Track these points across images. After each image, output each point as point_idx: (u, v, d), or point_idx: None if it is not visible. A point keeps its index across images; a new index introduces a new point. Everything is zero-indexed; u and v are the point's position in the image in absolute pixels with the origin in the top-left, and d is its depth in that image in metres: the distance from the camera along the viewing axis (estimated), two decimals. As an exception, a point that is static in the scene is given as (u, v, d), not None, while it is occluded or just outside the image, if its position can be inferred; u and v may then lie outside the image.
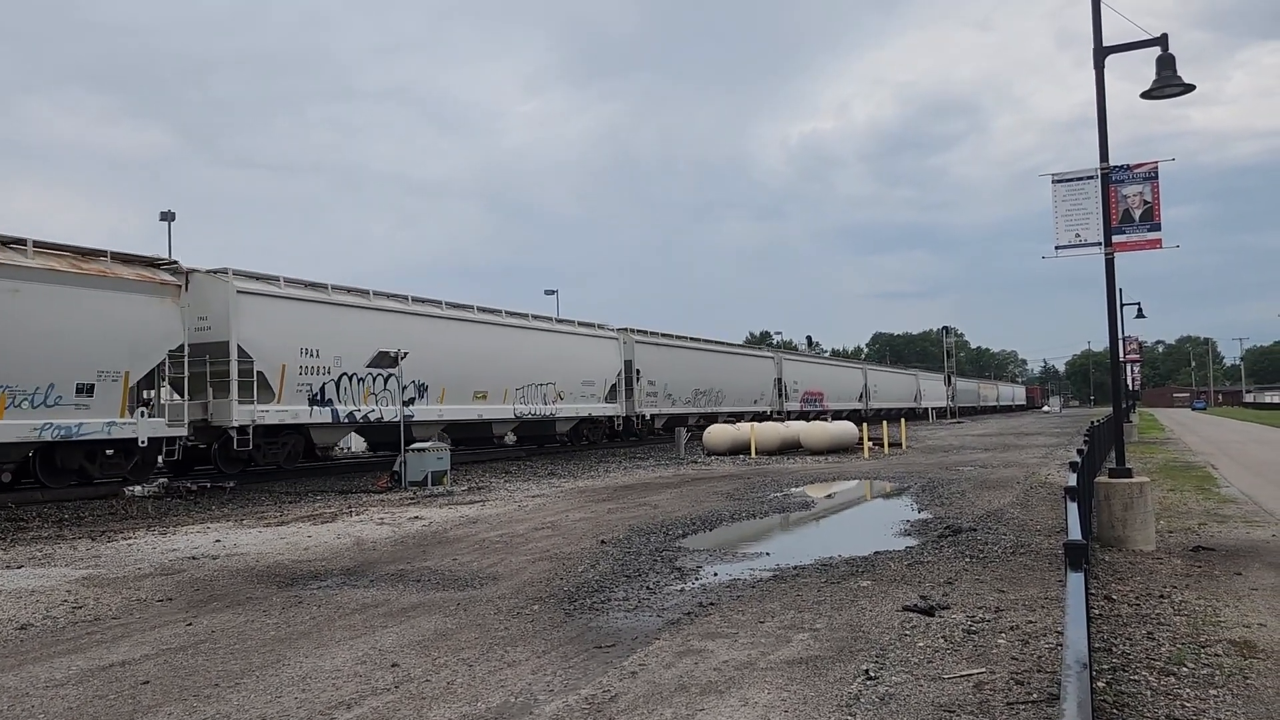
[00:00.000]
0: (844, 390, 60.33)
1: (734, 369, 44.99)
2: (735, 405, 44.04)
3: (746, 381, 46.21)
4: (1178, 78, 10.46)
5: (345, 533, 12.51)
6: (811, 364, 58.15)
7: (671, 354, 39.20)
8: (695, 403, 40.76)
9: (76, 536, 12.80)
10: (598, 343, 34.64)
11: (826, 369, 60.50)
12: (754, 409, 45.78)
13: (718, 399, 42.62)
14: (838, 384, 59.49)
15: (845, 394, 60.55)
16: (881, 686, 5.36)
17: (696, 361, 41.19)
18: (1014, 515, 12.86)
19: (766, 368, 49.59)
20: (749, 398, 46.24)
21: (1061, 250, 11.15)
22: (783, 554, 10.18)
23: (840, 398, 58.99)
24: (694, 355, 41.24)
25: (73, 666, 6.24)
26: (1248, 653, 6.02)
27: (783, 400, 49.73)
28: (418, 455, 19.39)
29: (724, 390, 43.19)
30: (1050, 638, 6.32)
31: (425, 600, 8.09)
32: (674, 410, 38.81)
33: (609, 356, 34.94)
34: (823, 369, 59.50)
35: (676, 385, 39.26)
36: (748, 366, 47.25)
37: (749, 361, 48.17)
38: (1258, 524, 11.89)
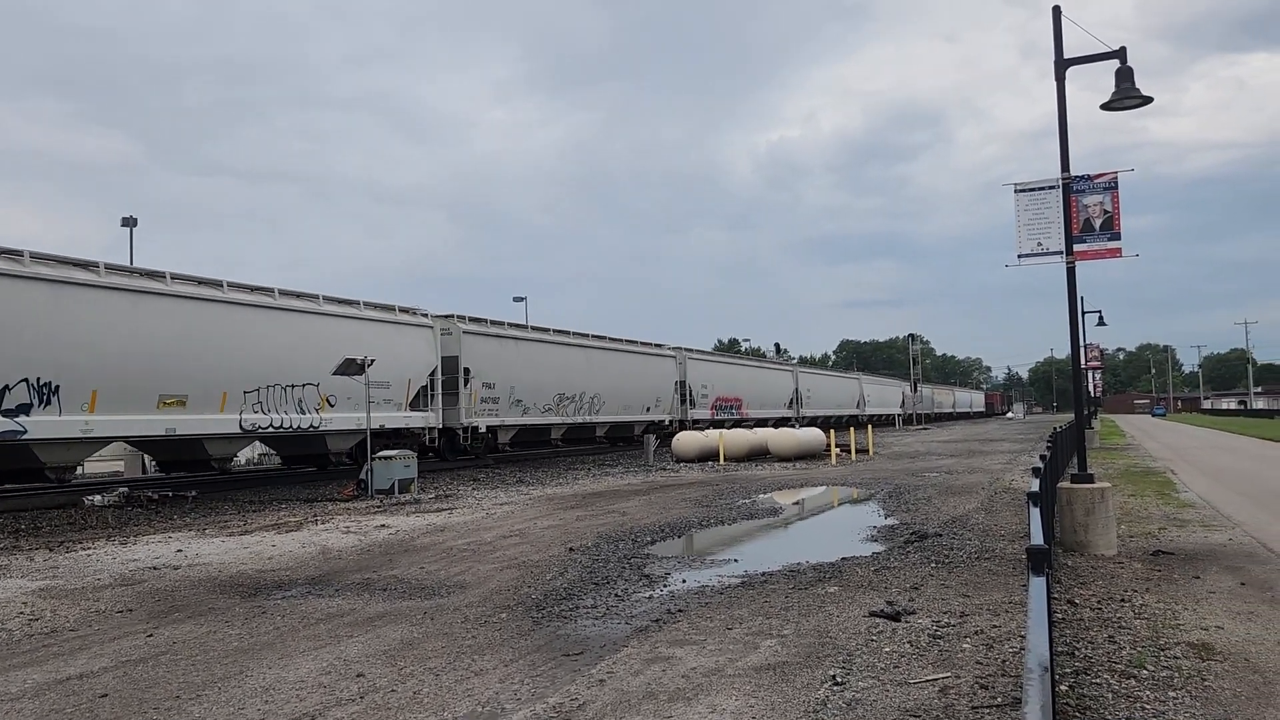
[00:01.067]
0: (769, 395, 52.89)
1: (617, 369, 36.30)
2: (620, 413, 36.57)
3: (635, 385, 37.80)
4: (1136, 90, 10.66)
5: (310, 541, 12.37)
6: (725, 364, 49.37)
7: (520, 349, 30.51)
8: (559, 410, 32.28)
9: (33, 547, 12.55)
10: (400, 332, 25.46)
11: (746, 371, 51.81)
12: (645, 418, 38.64)
13: (593, 406, 34.47)
14: (761, 388, 51.88)
15: (771, 399, 53.14)
16: (848, 692, 5.39)
17: (560, 360, 32.72)
18: (979, 521, 12.99)
19: (665, 369, 41.06)
20: (639, 404, 38.16)
21: (1024, 258, 11.32)
22: (751, 561, 10.20)
23: (764, 404, 51.54)
24: (555, 352, 32.55)
25: (29, 679, 6.12)
26: (1206, 655, 6.12)
27: (686, 407, 41.89)
28: (384, 463, 19.23)
29: (603, 395, 35.05)
30: (1014, 642, 6.39)
31: (391, 609, 8.02)
32: (525, 420, 30.52)
33: (417, 351, 25.91)
34: (741, 371, 50.97)
35: (529, 389, 30.44)
36: (637, 367, 38.35)
37: (639, 361, 38.80)
38: (1215, 528, 12.11)
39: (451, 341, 27.25)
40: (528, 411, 30.53)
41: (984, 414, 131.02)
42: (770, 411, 51.92)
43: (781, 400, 55.10)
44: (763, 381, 53.05)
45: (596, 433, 35.89)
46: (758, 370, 54.62)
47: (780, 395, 55.01)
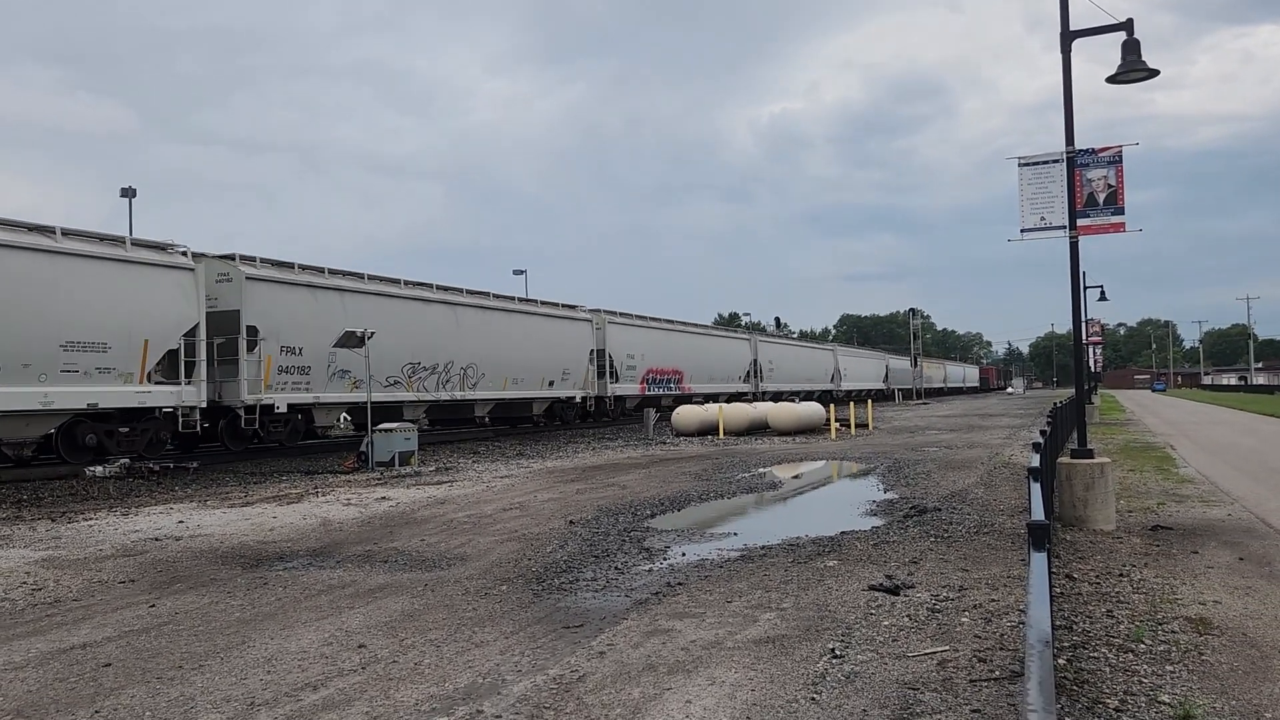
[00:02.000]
0: (720, 367, 46.90)
1: (502, 334, 29.37)
2: (508, 389, 29.71)
3: (531, 354, 30.84)
4: (1142, 63, 10.56)
5: (311, 513, 12.42)
6: (659, 330, 41.50)
7: (346, 305, 23.38)
8: (413, 385, 25.50)
9: (36, 517, 12.60)
10: (129, 274, 18.05)
11: (689, 339, 44.27)
12: (546, 393, 32.24)
13: (466, 379, 27.73)
14: (709, 359, 45.66)
15: (723, 372, 47.12)
16: (847, 665, 5.42)
17: (413, 320, 25.86)
18: (978, 495, 13.02)
19: (575, 334, 34.22)
20: (538, 376, 31.49)
21: (1027, 233, 11.26)
22: (750, 534, 10.24)
23: (714, 377, 45.68)
24: (404, 311, 25.60)
25: (33, 649, 6.15)
26: (1203, 629, 6.15)
27: (607, 380, 35.77)
28: (385, 435, 19.26)
29: (481, 365, 28.34)
30: (1012, 616, 6.41)
31: (392, 581, 8.06)
32: (355, 398, 23.12)
33: (162, 301, 18.66)
34: (682, 339, 43.45)
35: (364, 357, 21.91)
36: (534, 332, 31.25)
37: (535, 325, 31.61)
38: (1214, 503, 12.14)
39: (229, 291, 20.66)
40: (360, 385, 22.60)
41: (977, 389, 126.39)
42: (722, 386, 46.19)
43: (735, 373, 49.05)
44: (711, 351, 46.31)
45: (475, 412, 29.19)
46: (704, 338, 46.89)
47: (734, 367, 49.08)
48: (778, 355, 55.74)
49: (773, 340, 58.39)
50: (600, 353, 35.76)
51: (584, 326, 35.13)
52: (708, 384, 44.81)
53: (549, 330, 32.62)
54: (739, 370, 49.71)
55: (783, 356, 56.47)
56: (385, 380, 24.37)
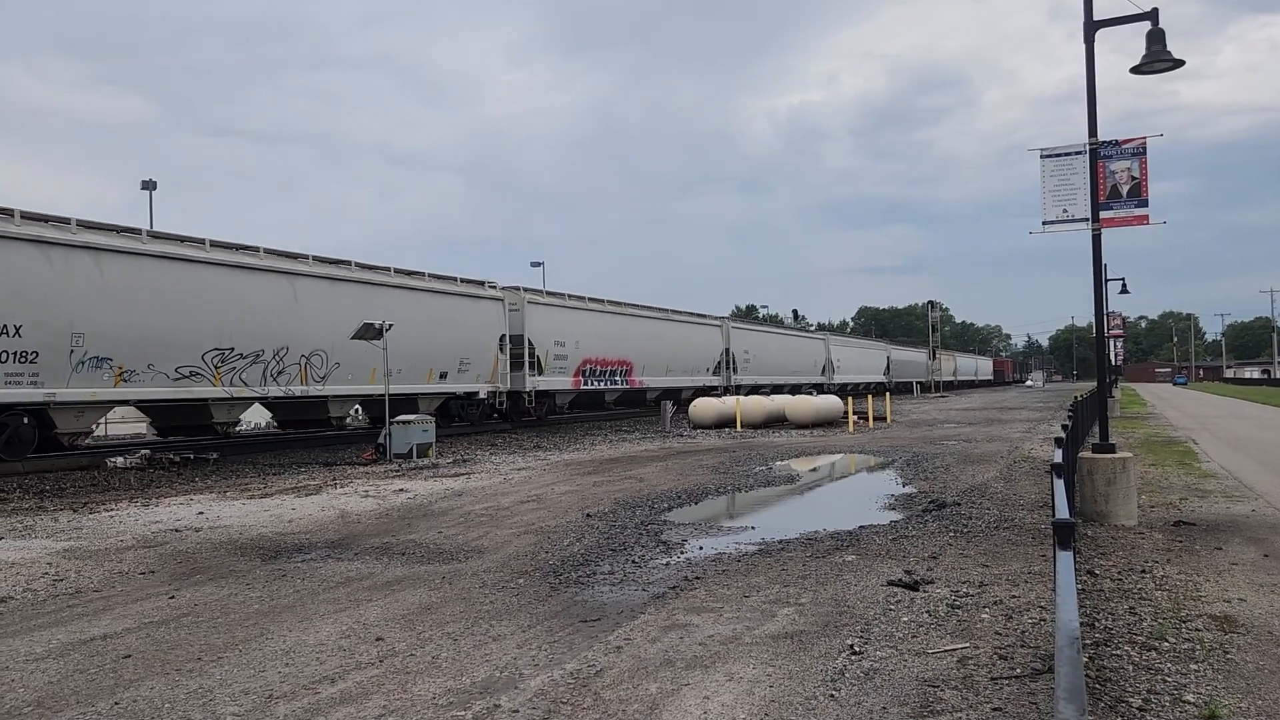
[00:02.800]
0: (682, 357, 40.49)
1: (364, 315, 21.70)
2: (376, 383, 22.52)
3: (412, 342, 24.27)
4: (1167, 53, 10.42)
5: (329, 505, 12.46)
6: (599, 315, 34.74)
7: (108, 270, 17.68)
8: (228, 375, 19.91)
9: (57, 508, 12.71)
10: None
11: (640, 325, 37.46)
12: (437, 387, 26.10)
13: (310, 369, 21.89)
14: (666, 347, 38.97)
15: (685, 363, 40.85)
16: (866, 661, 5.38)
17: (224, 293, 20.02)
18: (998, 490, 12.93)
19: (480, 317, 27.83)
20: (423, 367, 25.40)
21: (1049, 225, 11.14)
22: (768, 528, 10.20)
23: (674, 367, 39.62)
24: (210, 280, 19.75)
25: (54, 640, 6.19)
26: (1228, 627, 6.07)
27: (526, 373, 29.48)
28: (403, 428, 19.32)
29: (333, 352, 22.30)
30: (1034, 612, 6.35)
31: (410, 574, 8.07)
32: (129, 394, 18.25)
33: None
34: (632, 325, 36.74)
35: (135, 340, 17.98)
36: (418, 313, 25.00)
37: (423, 304, 25.50)
38: (1238, 499, 12.00)
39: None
40: (133, 377, 17.93)
41: (991, 383, 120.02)
42: (684, 379, 40.49)
43: (703, 364, 42.76)
44: (669, 339, 39.81)
45: (331, 412, 23.39)
46: (660, 324, 39.51)
47: (701, 357, 42.67)
48: (756, 344, 48.72)
49: (749, 327, 50.21)
50: (517, 339, 29.12)
51: (491, 307, 28.28)
52: (665, 376, 38.76)
53: (438, 310, 25.94)
54: (707, 361, 43.25)
55: (762, 346, 49.52)
56: (175, 372, 18.76)
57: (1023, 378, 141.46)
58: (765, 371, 49.11)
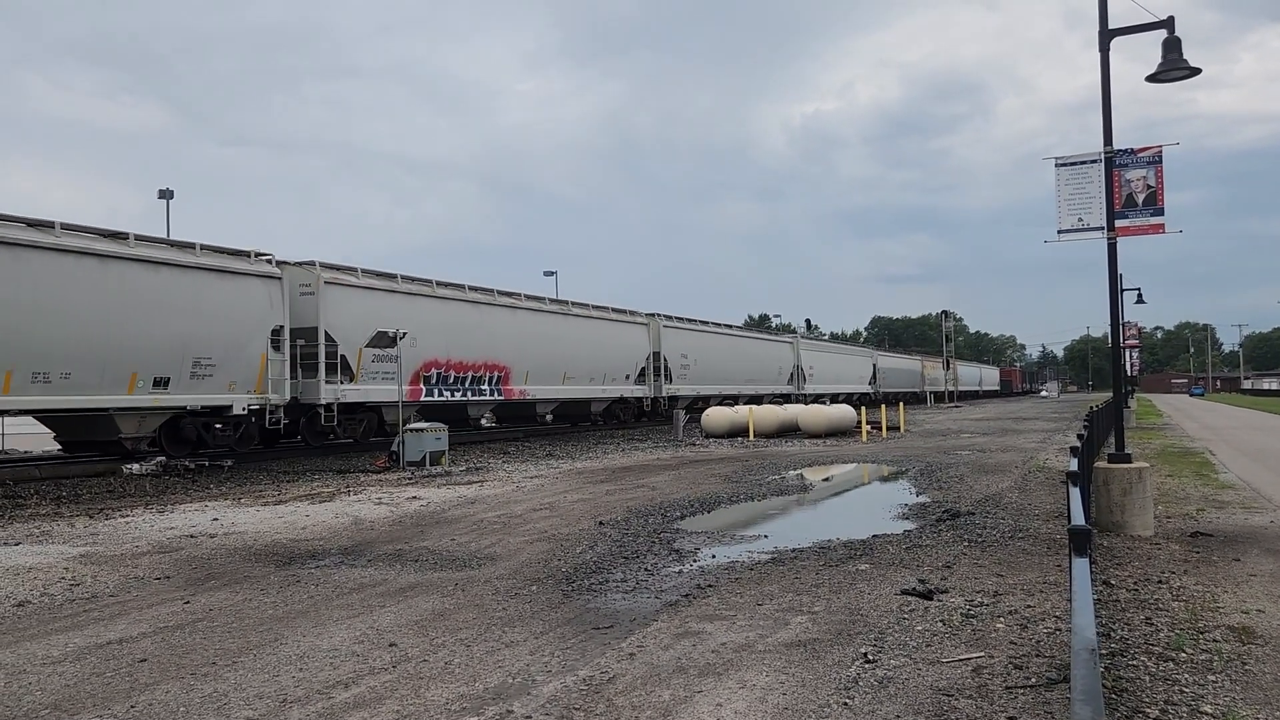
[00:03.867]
0: (585, 361, 32.50)
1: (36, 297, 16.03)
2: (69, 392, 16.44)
3: (109, 335, 17.21)
4: (1184, 61, 10.38)
5: (343, 512, 12.50)
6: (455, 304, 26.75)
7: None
8: None
9: (74, 514, 12.79)
10: None
11: (521, 320, 29.34)
12: (140, 401, 17.89)
13: None
14: (563, 350, 31.19)
15: (596, 367, 33.20)
16: (880, 670, 5.35)
17: None
18: (1012, 499, 12.86)
19: (244, 307, 20.04)
20: (121, 372, 17.46)
21: (1064, 234, 11.10)
22: (781, 537, 10.17)
23: (577, 374, 32.02)
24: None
25: (70, 644, 6.23)
26: (1246, 639, 6.01)
27: (321, 377, 21.57)
28: (416, 435, 19.37)
29: None
30: (1049, 622, 6.31)
31: (423, 580, 8.08)
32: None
33: None
34: (510, 319, 28.76)
35: None
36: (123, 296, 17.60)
37: (133, 282, 17.88)
38: (1256, 510, 11.90)
39: None
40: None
41: (997, 393, 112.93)
42: (591, 388, 32.76)
43: (621, 369, 34.84)
44: (568, 340, 31.49)
45: None
46: (552, 320, 31.06)
47: (618, 362, 34.59)
48: (698, 347, 40.61)
49: (689, 326, 40.97)
50: (307, 332, 21.44)
51: (256, 291, 20.06)
52: (562, 385, 31.13)
53: (151, 288, 18.13)
54: (627, 366, 35.25)
55: (706, 349, 41.25)
56: None
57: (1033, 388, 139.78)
58: (711, 379, 41.11)
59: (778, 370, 49.58)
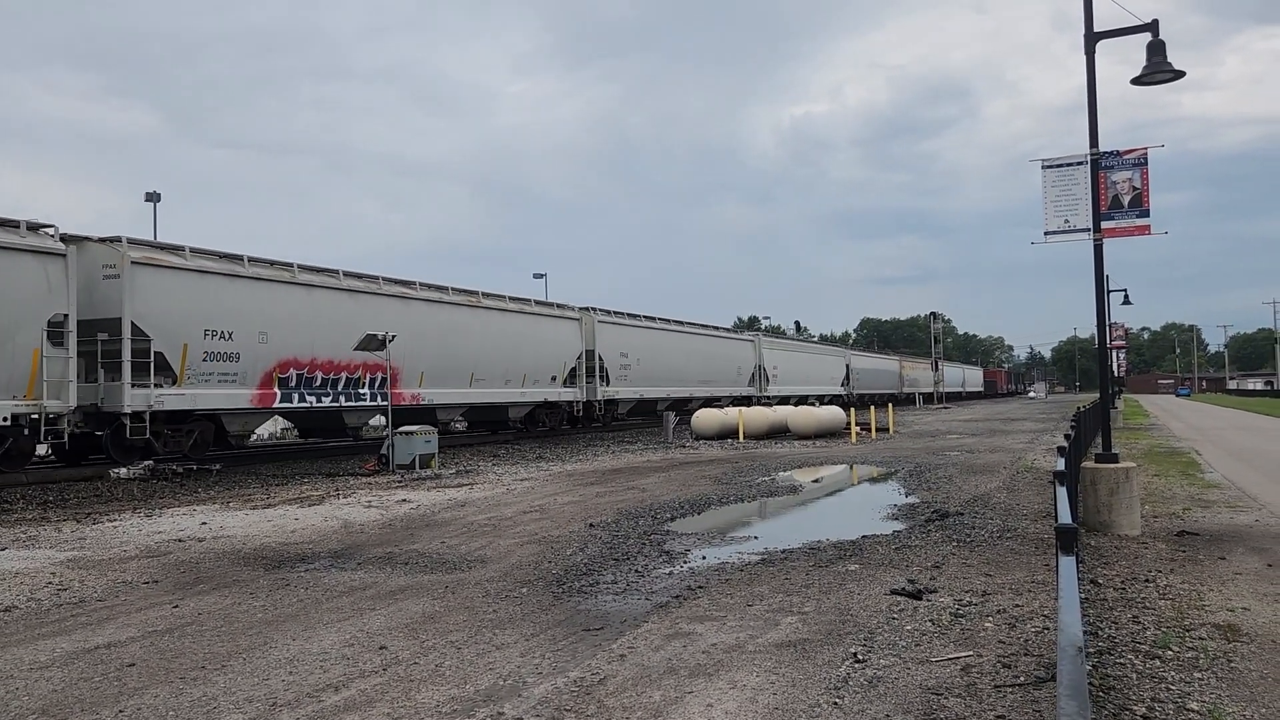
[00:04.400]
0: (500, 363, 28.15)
1: None
2: None
3: None
4: (1168, 64, 10.46)
5: (332, 515, 12.47)
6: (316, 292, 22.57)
7: None
8: None
9: (61, 519, 12.72)
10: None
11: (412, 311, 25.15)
12: None
13: None
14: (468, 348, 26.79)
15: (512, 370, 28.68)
16: (869, 669, 5.38)
17: None
18: (1000, 500, 12.92)
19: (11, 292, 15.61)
20: None
21: (1050, 236, 11.16)
22: (771, 538, 10.19)
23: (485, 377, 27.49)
24: None
25: (57, 649, 6.20)
26: (1232, 636, 6.06)
27: (126, 379, 17.47)
28: (405, 438, 19.33)
29: None
30: (1037, 621, 6.35)
31: (413, 583, 8.07)
32: None
33: None
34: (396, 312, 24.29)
35: None
36: None
37: None
38: (1241, 509, 11.99)
39: None
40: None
41: (982, 394, 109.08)
42: (512, 391, 28.51)
43: (547, 370, 30.42)
44: (475, 336, 27.05)
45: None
46: (457, 313, 26.66)
47: (544, 361, 30.23)
48: (642, 345, 36.10)
49: (631, 323, 36.18)
50: (109, 324, 17.74)
51: (28, 271, 16.02)
52: (469, 389, 26.70)
53: None
54: (554, 367, 30.77)
55: (648, 348, 36.63)
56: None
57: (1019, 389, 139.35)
58: (658, 380, 37.28)
59: (736, 370, 45.67)
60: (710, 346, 43.44)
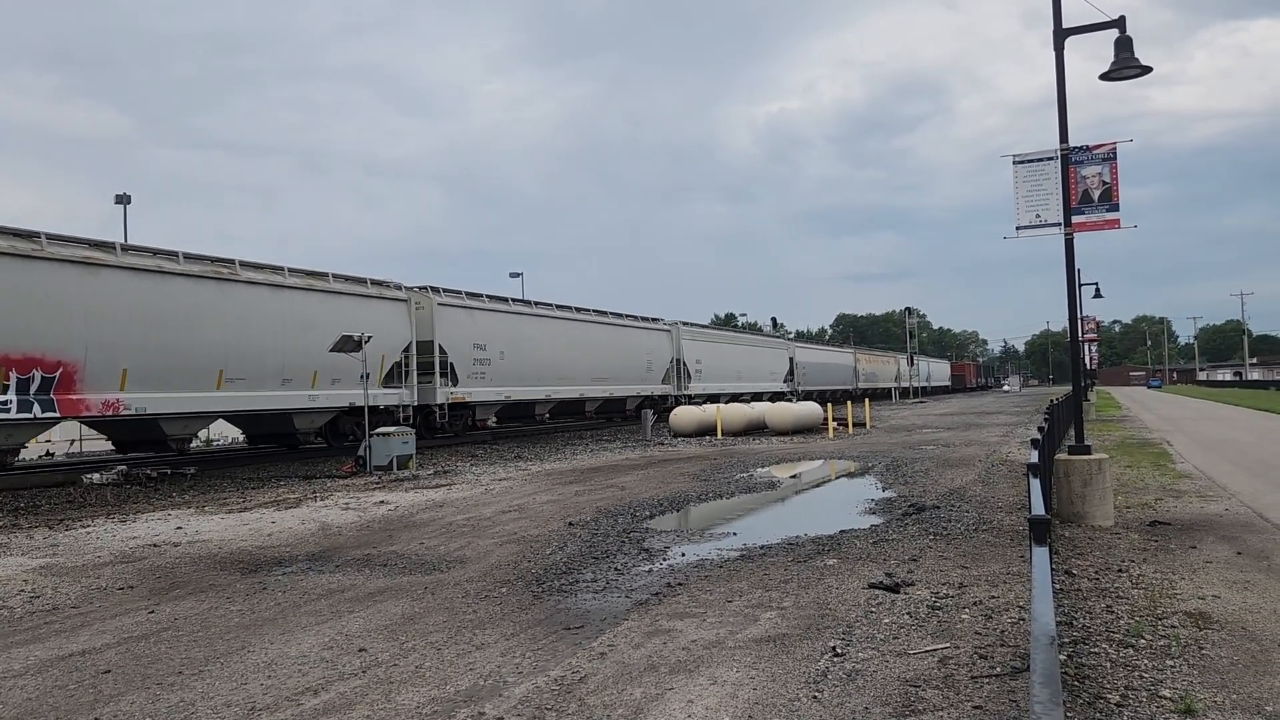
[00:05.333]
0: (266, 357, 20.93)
1: None
2: None
3: None
4: (1135, 60, 10.59)
5: (310, 518, 12.40)
6: None
7: None
8: None
9: (33, 525, 12.56)
10: None
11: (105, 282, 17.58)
12: None
13: None
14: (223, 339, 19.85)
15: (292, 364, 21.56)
16: (848, 663, 5.42)
17: None
18: (976, 493, 13.03)
19: None
20: None
21: (1022, 230, 11.28)
22: (750, 534, 10.24)
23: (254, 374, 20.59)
24: None
25: (31, 656, 6.13)
26: (1203, 624, 6.16)
27: None
28: (383, 440, 19.24)
29: None
30: (1012, 612, 6.42)
31: (392, 585, 8.05)
32: None
33: None
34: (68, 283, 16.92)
35: None
36: None
37: None
38: (1211, 499, 12.16)
39: None
40: None
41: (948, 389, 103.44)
42: (297, 394, 21.73)
43: (353, 368, 21.38)
44: (231, 323, 20.26)
45: None
46: (196, 289, 19.68)
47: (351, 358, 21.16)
48: (505, 337, 29.83)
49: (484, 307, 29.73)
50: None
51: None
52: (210, 391, 19.68)
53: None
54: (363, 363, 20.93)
55: (519, 339, 30.51)
56: None
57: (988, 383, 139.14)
58: (531, 378, 30.84)
59: (646, 365, 38.64)
60: (611, 338, 35.99)
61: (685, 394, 40.84)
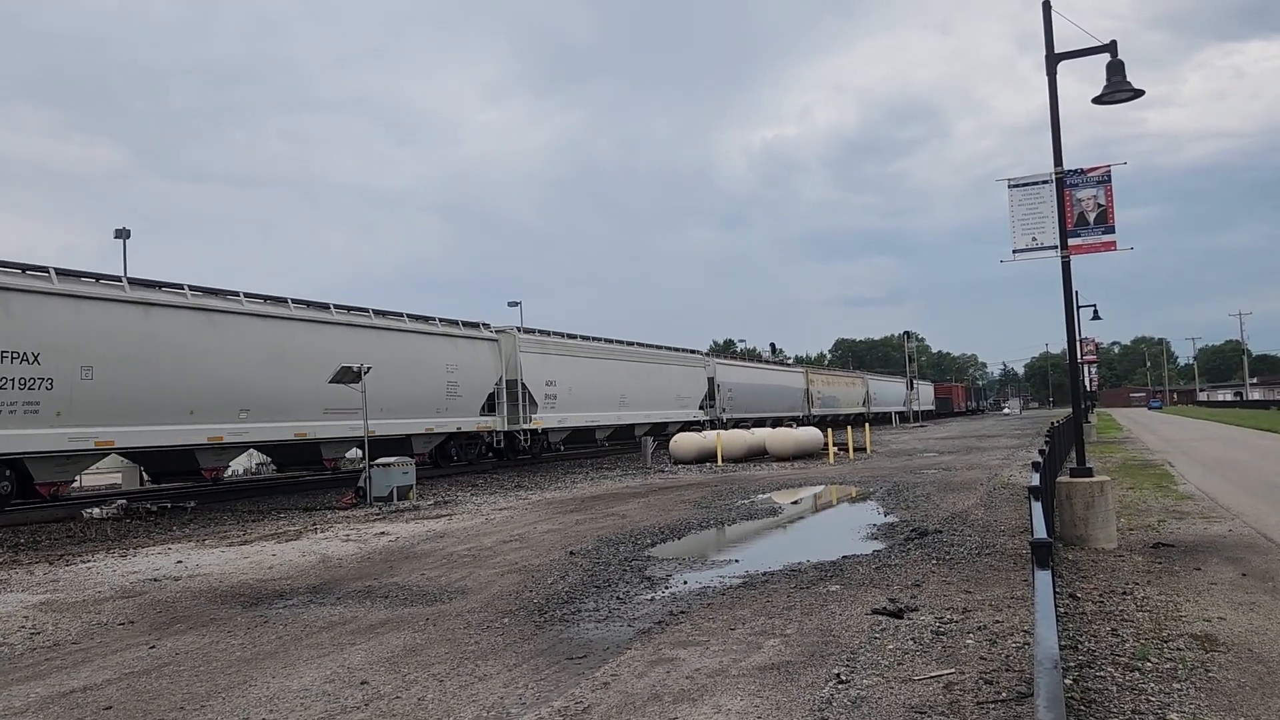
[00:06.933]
0: None
1: None
2: None
3: None
4: (1127, 83, 10.69)
5: (310, 550, 12.35)
6: None
7: None
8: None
9: (33, 561, 12.51)
10: None
11: None
12: None
13: None
14: None
15: None
16: (853, 690, 5.39)
17: None
18: (978, 516, 13.00)
19: None
20: None
21: (1018, 254, 11.33)
22: (752, 561, 10.20)
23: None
24: None
25: (32, 693, 6.10)
26: (1209, 646, 6.13)
27: None
28: (383, 470, 19.20)
29: None
30: (1017, 637, 6.39)
31: (394, 616, 8.01)
32: None
33: None
34: None
35: None
36: None
37: None
38: (1215, 520, 12.13)
39: None
40: None
41: (933, 413, 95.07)
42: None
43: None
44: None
45: None
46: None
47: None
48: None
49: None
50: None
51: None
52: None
53: None
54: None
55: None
56: None
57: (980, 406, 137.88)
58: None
59: (477, 389, 28.63)
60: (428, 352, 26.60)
61: (527, 427, 30.60)
